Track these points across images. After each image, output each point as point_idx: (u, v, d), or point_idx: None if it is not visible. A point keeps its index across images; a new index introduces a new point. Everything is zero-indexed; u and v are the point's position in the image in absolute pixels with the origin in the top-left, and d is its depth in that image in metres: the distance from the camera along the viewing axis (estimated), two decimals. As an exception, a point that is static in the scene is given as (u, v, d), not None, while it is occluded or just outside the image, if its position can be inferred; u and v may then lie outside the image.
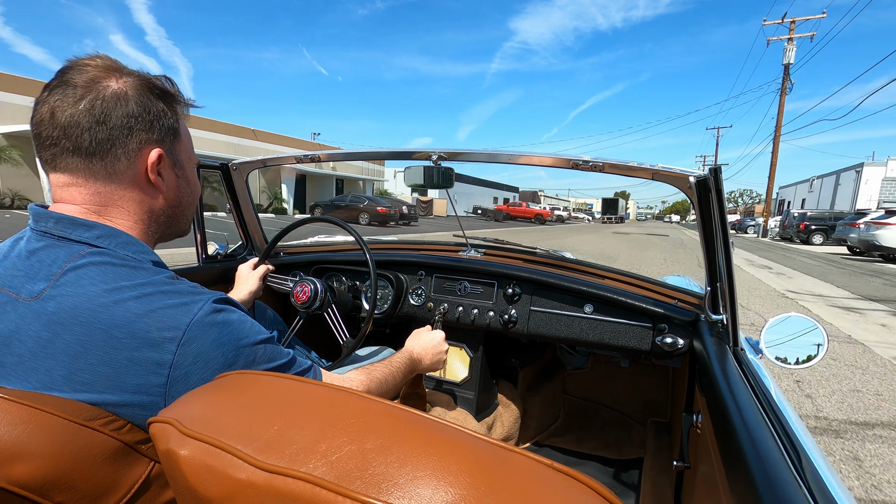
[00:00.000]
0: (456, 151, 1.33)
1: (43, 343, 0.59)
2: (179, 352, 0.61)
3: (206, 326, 0.63)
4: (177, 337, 0.61)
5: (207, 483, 0.42)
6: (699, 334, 1.18)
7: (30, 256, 0.63)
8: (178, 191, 0.76)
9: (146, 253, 0.69)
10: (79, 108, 0.63)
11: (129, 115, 0.66)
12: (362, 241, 1.43)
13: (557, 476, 0.38)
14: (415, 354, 1.21)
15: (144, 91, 0.67)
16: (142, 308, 0.60)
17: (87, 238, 0.65)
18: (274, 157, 1.63)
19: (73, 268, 0.62)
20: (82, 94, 0.63)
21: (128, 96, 0.66)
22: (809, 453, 0.63)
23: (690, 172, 0.99)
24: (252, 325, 0.70)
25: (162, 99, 0.70)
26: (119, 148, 0.66)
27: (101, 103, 0.63)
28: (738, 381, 0.84)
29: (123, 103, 0.65)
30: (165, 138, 0.71)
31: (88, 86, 0.63)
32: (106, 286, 0.61)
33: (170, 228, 0.78)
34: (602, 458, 1.90)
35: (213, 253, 1.76)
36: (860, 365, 3.76)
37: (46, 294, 0.60)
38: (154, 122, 0.68)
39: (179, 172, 0.76)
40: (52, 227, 0.65)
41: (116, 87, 0.65)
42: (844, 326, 5.03)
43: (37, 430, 0.52)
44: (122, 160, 0.67)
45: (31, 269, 0.62)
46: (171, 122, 0.71)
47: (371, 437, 0.40)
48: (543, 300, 1.53)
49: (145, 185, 0.71)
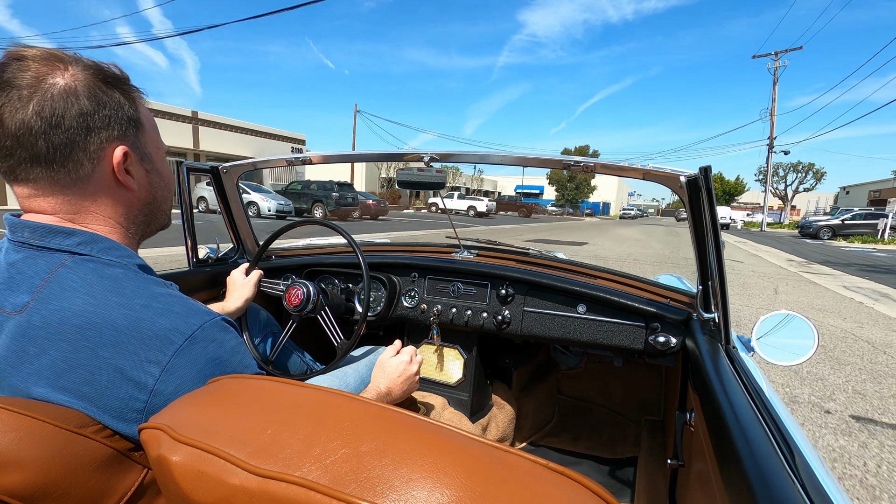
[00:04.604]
0: (448, 153, 1.33)
1: (28, 358, 0.57)
2: (162, 378, 0.58)
3: (194, 355, 0.60)
4: (162, 362, 0.58)
5: (200, 489, 0.41)
6: (691, 333, 1.19)
7: (9, 268, 0.61)
8: (150, 187, 0.71)
9: (131, 257, 0.66)
10: (27, 111, 0.57)
11: (84, 114, 0.60)
12: (355, 243, 1.42)
13: (553, 476, 0.38)
14: (382, 389, 1.16)
15: (95, 82, 0.61)
16: (128, 324, 0.58)
17: (67, 246, 0.62)
18: (265, 159, 1.62)
19: (57, 279, 0.60)
20: (29, 95, 0.57)
21: (77, 91, 0.59)
22: (802, 449, 0.64)
23: (681, 172, 1.00)
24: (244, 355, 0.67)
25: (116, 87, 0.64)
26: (79, 151, 0.61)
27: (50, 104, 0.58)
28: (730, 378, 0.84)
29: (74, 100, 0.59)
30: (128, 132, 0.65)
31: (33, 85, 0.57)
32: (93, 299, 0.58)
33: (150, 226, 0.74)
34: (597, 457, 1.91)
35: (204, 256, 1.74)
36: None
37: (31, 307, 0.58)
38: (112, 117, 0.63)
39: (149, 166, 0.70)
40: (29, 236, 0.61)
41: (64, 82, 0.59)
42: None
43: (27, 438, 0.52)
44: (84, 164, 0.62)
45: (12, 282, 0.60)
46: (131, 112, 0.65)
47: (365, 439, 0.40)
48: (537, 301, 1.53)
49: (115, 186, 0.66)
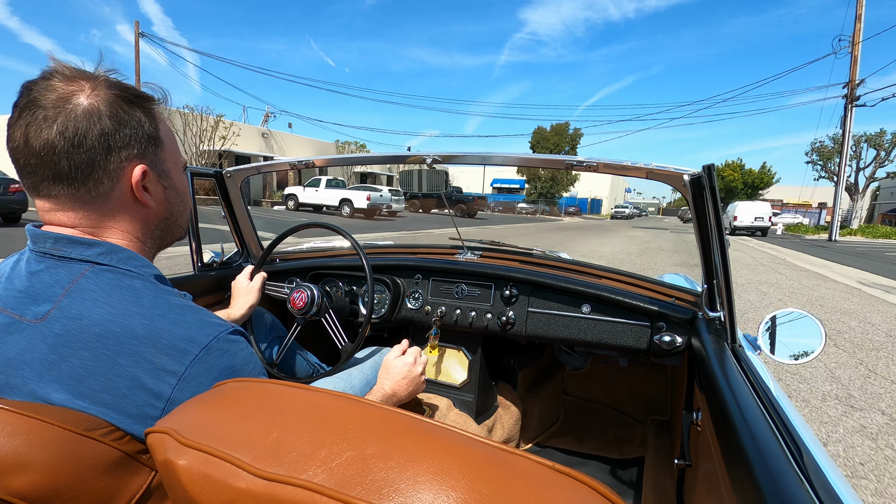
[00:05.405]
0: (450, 154, 1.33)
1: (48, 366, 0.58)
2: (179, 387, 0.59)
3: (209, 365, 0.62)
4: (178, 371, 0.59)
5: (206, 493, 0.41)
6: (697, 332, 1.19)
7: (31, 277, 0.63)
8: (167, 203, 0.73)
9: (148, 268, 0.68)
10: (52, 131, 0.59)
11: (105, 134, 0.62)
12: (359, 245, 1.43)
13: (559, 477, 0.38)
14: (388, 390, 1.17)
15: (117, 102, 0.63)
16: (146, 333, 0.59)
17: (88, 256, 0.63)
18: (269, 163, 1.63)
19: (78, 288, 0.61)
20: (54, 116, 0.59)
21: (100, 112, 0.61)
22: (810, 448, 0.63)
23: (685, 171, 1.00)
24: (256, 364, 0.68)
25: (138, 106, 0.66)
26: (99, 170, 0.63)
27: (73, 125, 0.60)
28: (736, 377, 0.84)
29: (97, 120, 0.61)
30: (147, 150, 0.67)
31: (58, 105, 0.59)
32: (112, 308, 0.60)
33: (165, 240, 0.76)
34: (603, 457, 1.90)
35: (209, 261, 1.75)
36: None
37: (52, 316, 0.60)
38: (132, 136, 0.64)
39: (167, 183, 0.72)
40: (51, 247, 0.63)
41: (87, 103, 0.61)
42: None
43: (37, 441, 0.52)
44: (104, 182, 0.64)
45: (33, 291, 0.62)
46: (151, 130, 0.67)
47: (371, 442, 0.40)
48: (541, 301, 1.53)
49: (133, 202, 0.68)
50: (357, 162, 1.62)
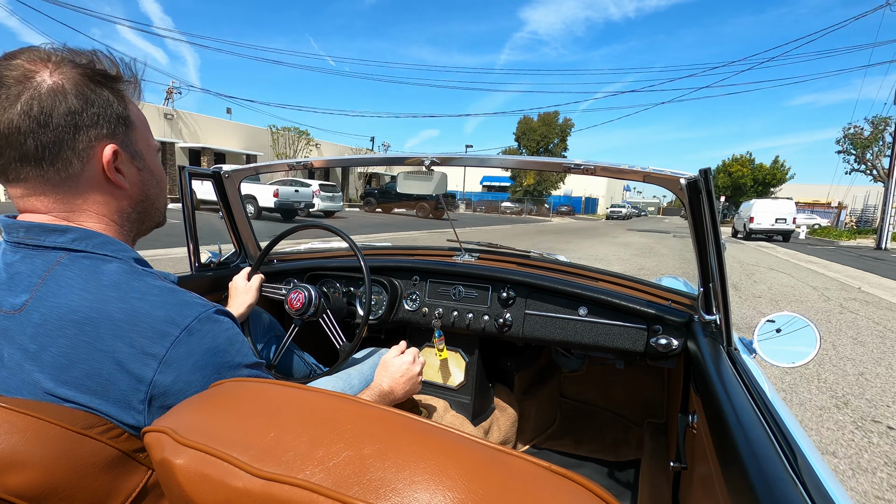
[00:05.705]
0: (448, 156, 1.33)
1: (30, 355, 0.58)
2: (160, 370, 0.58)
3: (191, 346, 0.60)
4: (159, 354, 0.58)
5: (203, 492, 0.42)
6: (693, 335, 1.19)
7: (7, 269, 0.62)
8: (142, 185, 0.71)
9: (126, 251, 0.66)
10: (15, 110, 0.57)
11: (72, 112, 0.60)
12: (356, 246, 1.43)
13: (556, 479, 0.38)
14: (385, 388, 1.17)
15: (84, 80, 0.61)
16: (125, 317, 0.58)
17: (62, 243, 0.62)
18: (267, 164, 1.63)
19: (54, 276, 0.60)
20: (17, 94, 0.57)
21: (65, 90, 0.59)
22: (805, 451, 0.64)
23: (681, 174, 1.00)
24: (242, 344, 0.67)
25: (105, 85, 0.63)
26: (68, 149, 0.61)
27: (38, 103, 0.58)
28: (732, 380, 0.84)
29: (62, 98, 0.59)
30: (117, 130, 0.65)
31: (21, 82, 0.58)
32: (89, 294, 0.59)
33: (144, 224, 0.74)
34: (599, 460, 1.90)
35: (206, 261, 1.75)
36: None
37: (30, 306, 0.59)
38: (101, 115, 0.62)
39: (140, 164, 0.70)
40: (24, 236, 0.62)
41: (52, 81, 0.59)
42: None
43: (34, 439, 0.52)
44: (73, 162, 0.62)
45: (10, 282, 0.61)
46: (120, 110, 0.65)
47: (368, 442, 0.40)
48: (538, 303, 1.53)
49: (106, 184, 0.66)
50: (358, 163, 1.62)
